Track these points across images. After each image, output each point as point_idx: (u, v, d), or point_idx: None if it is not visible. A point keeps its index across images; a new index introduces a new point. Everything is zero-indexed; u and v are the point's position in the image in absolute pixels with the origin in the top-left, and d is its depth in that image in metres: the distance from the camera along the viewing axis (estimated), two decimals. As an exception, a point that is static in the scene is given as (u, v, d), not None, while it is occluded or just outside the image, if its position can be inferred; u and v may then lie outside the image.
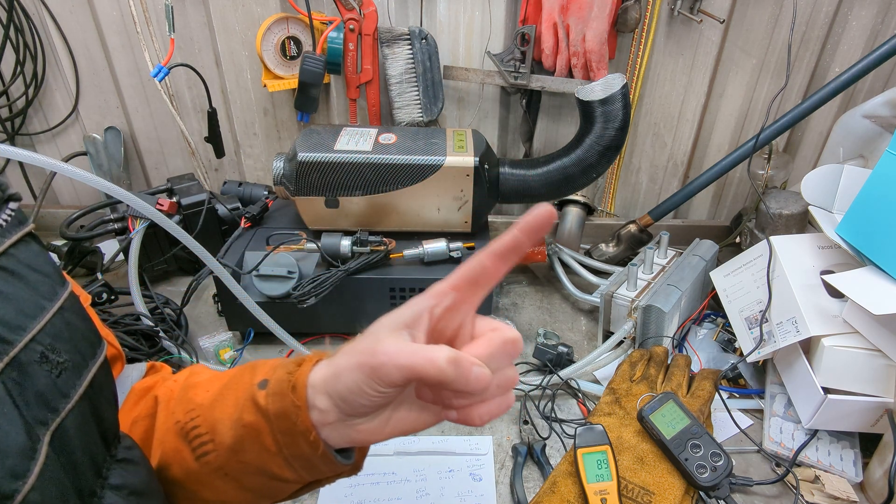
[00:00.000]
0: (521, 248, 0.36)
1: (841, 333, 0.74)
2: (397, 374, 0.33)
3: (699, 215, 1.30)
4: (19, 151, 0.60)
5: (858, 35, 1.06)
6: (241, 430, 0.39)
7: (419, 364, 0.33)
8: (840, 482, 0.71)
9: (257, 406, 0.38)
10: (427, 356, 0.33)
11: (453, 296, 0.37)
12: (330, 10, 1.05)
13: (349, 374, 0.35)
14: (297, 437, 0.37)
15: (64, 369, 0.34)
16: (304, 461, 0.38)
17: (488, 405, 0.37)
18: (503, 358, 0.37)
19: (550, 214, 0.35)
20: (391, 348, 0.34)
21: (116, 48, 1.10)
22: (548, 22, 1.01)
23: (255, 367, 0.42)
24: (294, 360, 0.40)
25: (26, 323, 0.32)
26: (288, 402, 0.37)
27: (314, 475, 0.40)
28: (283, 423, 0.37)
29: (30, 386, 0.31)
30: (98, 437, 0.37)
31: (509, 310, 1.05)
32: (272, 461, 0.39)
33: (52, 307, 0.35)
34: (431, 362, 0.33)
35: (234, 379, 0.42)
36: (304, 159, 0.88)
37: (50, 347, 0.33)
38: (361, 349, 0.35)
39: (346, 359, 0.36)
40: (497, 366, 0.36)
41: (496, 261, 0.37)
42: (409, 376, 0.33)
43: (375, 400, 0.35)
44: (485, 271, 0.37)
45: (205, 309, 1.03)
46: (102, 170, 1.16)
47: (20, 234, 0.35)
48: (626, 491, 0.65)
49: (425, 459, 0.76)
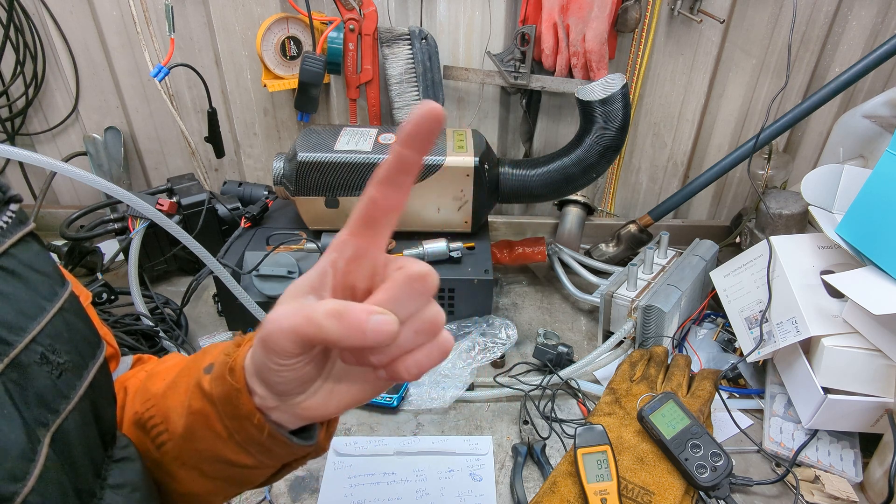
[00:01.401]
0: (410, 165, 0.31)
1: (841, 333, 0.74)
2: (286, 342, 0.30)
3: (699, 215, 1.30)
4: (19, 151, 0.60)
5: (858, 35, 1.06)
6: (191, 417, 0.37)
7: (298, 324, 0.29)
8: (840, 482, 0.71)
9: (203, 391, 0.36)
10: (305, 314, 0.29)
11: (354, 242, 0.33)
12: (330, 10, 1.05)
13: (259, 356, 0.32)
14: (243, 420, 0.35)
15: (64, 370, 0.34)
16: (256, 444, 0.36)
17: (414, 356, 0.31)
18: (413, 298, 0.31)
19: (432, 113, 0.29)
20: (277, 314, 0.30)
21: (116, 48, 1.10)
22: (548, 22, 1.01)
23: (206, 351, 0.40)
24: (234, 341, 0.37)
25: (26, 324, 0.32)
26: (228, 386, 0.34)
27: (275, 459, 0.38)
28: (227, 407, 0.35)
29: (30, 387, 0.31)
30: (97, 437, 0.37)
31: (509, 310, 1.05)
32: (226, 447, 0.37)
33: (52, 308, 0.35)
34: (309, 320, 0.29)
35: (188, 366, 0.40)
36: (304, 159, 0.88)
37: (50, 348, 0.33)
38: (261, 324, 0.32)
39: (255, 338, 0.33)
40: (409, 309, 0.31)
41: (386, 189, 0.31)
42: (298, 341, 0.30)
43: (286, 374, 0.32)
44: (376, 204, 0.32)
45: (205, 309, 1.03)
46: (102, 170, 1.16)
47: (21, 234, 0.35)
48: (626, 491, 0.65)
49: (425, 459, 0.76)
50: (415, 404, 0.83)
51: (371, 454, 0.76)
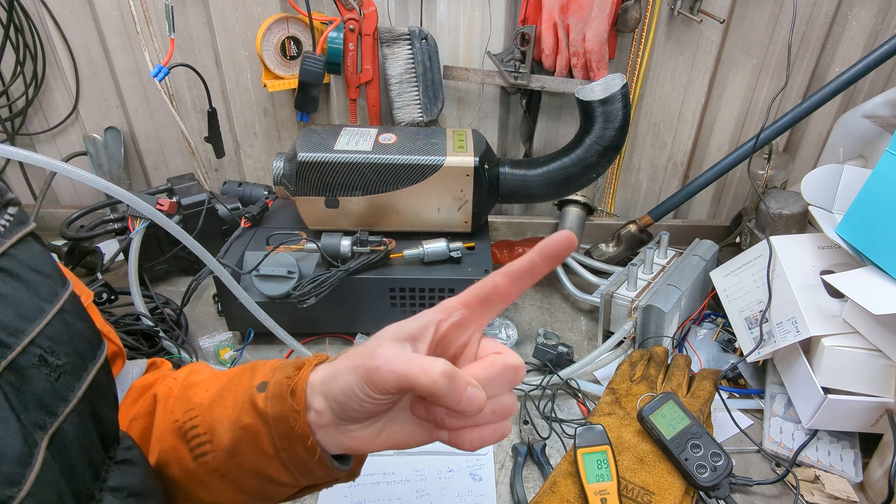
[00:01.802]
0: (537, 272, 0.35)
1: (841, 333, 0.74)
2: (391, 380, 0.33)
3: (699, 215, 1.30)
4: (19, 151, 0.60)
5: (858, 35, 1.06)
6: (240, 432, 0.39)
7: (413, 372, 0.32)
8: (840, 482, 0.71)
9: (256, 409, 0.38)
10: (422, 366, 0.32)
11: (462, 312, 0.37)
12: (330, 10, 1.05)
13: (345, 375, 0.35)
14: (295, 440, 0.37)
15: (63, 372, 0.34)
16: (301, 465, 0.38)
17: (481, 430, 0.36)
18: (502, 384, 0.36)
19: (570, 241, 0.34)
20: (388, 353, 0.33)
21: (116, 48, 1.10)
22: (548, 22, 1.01)
23: (254, 367, 0.41)
24: (294, 363, 0.39)
25: (25, 326, 0.32)
26: (287, 406, 0.36)
27: (311, 479, 0.40)
28: (282, 426, 0.37)
29: (28, 390, 0.31)
30: (97, 439, 0.36)
31: (509, 310, 1.05)
32: (269, 464, 0.38)
33: (51, 309, 0.34)
34: (426, 372, 0.32)
35: (234, 379, 0.42)
36: (304, 159, 0.88)
37: (49, 350, 0.33)
38: (361, 352, 0.35)
39: (344, 361, 0.36)
40: (495, 391, 0.35)
41: (510, 282, 0.36)
42: (402, 384, 0.33)
43: (367, 405, 0.35)
44: (497, 292, 0.36)
45: (205, 309, 1.03)
46: (102, 170, 1.17)
47: (21, 234, 0.35)
48: (626, 491, 0.65)
49: (425, 459, 0.76)
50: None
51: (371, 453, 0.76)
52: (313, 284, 0.85)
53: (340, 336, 0.96)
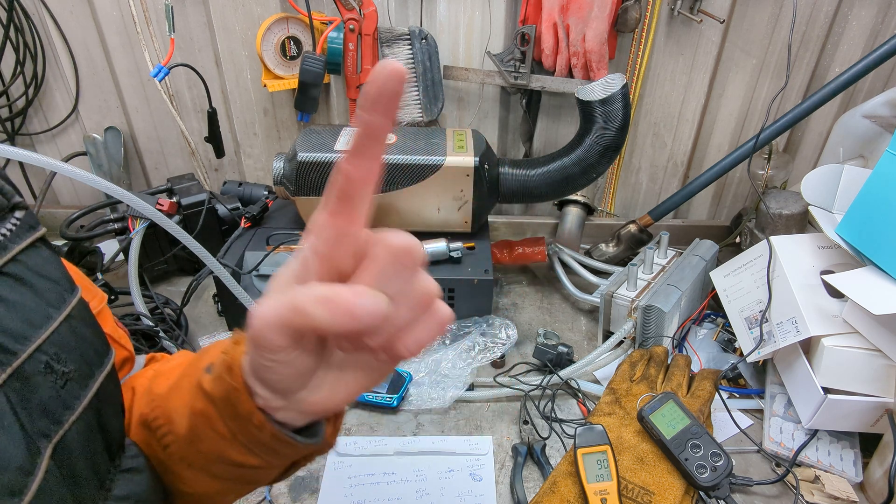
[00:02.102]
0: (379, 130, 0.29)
1: (841, 333, 0.74)
2: (274, 335, 0.28)
3: (699, 215, 1.30)
4: (19, 151, 0.60)
5: (858, 35, 1.06)
6: (194, 418, 0.36)
7: (285, 316, 0.28)
8: (840, 482, 0.71)
9: (204, 392, 0.35)
10: (291, 305, 0.27)
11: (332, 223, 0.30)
12: (330, 10, 1.05)
13: (251, 355, 0.31)
14: (244, 421, 0.33)
15: (69, 379, 0.33)
16: (261, 445, 0.35)
17: (412, 332, 0.30)
18: (400, 273, 0.29)
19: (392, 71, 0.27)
20: (260, 310, 0.28)
21: (116, 48, 1.10)
22: (548, 22, 1.01)
23: (207, 350, 0.39)
24: (233, 339, 0.35)
25: (31, 333, 0.32)
26: (226, 385, 0.33)
27: (282, 458, 0.37)
28: (228, 407, 0.34)
29: (33, 397, 0.31)
30: (102, 447, 0.36)
31: (509, 310, 1.05)
32: (230, 448, 0.35)
33: (59, 315, 0.34)
34: (294, 309, 0.27)
35: (190, 364, 0.39)
36: (304, 159, 0.88)
37: (55, 357, 0.33)
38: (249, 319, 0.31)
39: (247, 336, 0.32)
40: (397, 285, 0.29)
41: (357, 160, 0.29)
42: (287, 333, 0.28)
43: (282, 370, 0.30)
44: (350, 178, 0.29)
45: (205, 309, 1.03)
46: (102, 170, 1.16)
47: (31, 239, 0.34)
48: (626, 491, 0.65)
49: (425, 459, 0.76)
50: (415, 404, 0.83)
51: (371, 454, 0.76)
52: (313, 284, 0.85)
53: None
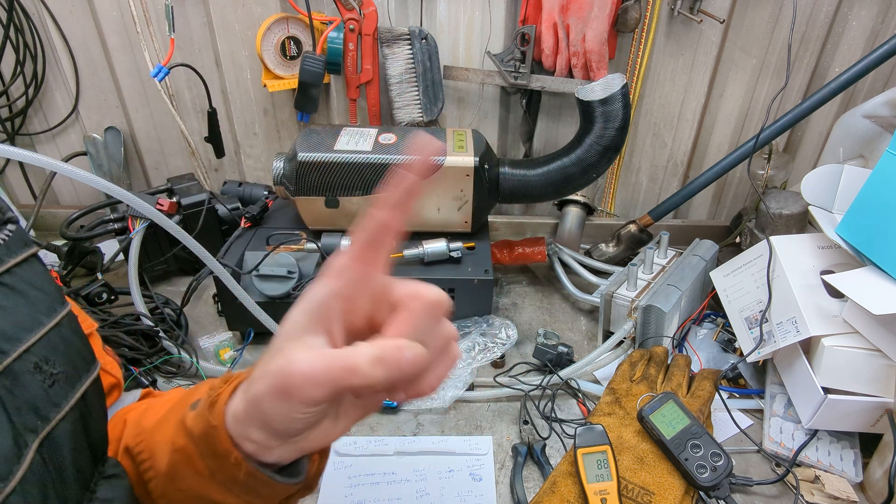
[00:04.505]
0: (415, 190, 0.31)
1: (841, 333, 0.74)
2: (318, 392, 0.29)
3: (699, 215, 1.30)
4: (19, 151, 0.60)
5: (858, 35, 1.06)
6: (174, 455, 0.36)
7: (340, 377, 0.28)
8: (840, 482, 0.71)
9: (185, 428, 0.35)
10: (346, 366, 0.28)
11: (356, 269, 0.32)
12: (330, 10, 1.05)
13: (270, 404, 0.30)
14: (221, 459, 0.33)
15: (57, 380, 0.34)
16: (240, 485, 0.34)
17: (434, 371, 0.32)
18: (431, 323, 0.32)
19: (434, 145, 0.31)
20: (304, 366, 0.29)
21: (116, 48, 1.10)
22: (548, 22, 1.01)
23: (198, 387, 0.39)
24: (223, 377, 0.36)
25: (22, 335, 0.33)
26: (205, 422, 0.33)
27: (261, 499, 0.36)
28: (207, 445, 0.34)
29: (21, 394, 0.32)
30: (87, 450, 0.37)
31: (509, 310, 1.05)
32: (209, 487, 0.35)
33: (49, 322, 0.36)
34: (353, 372, 0.28)
35: (180, 401, 0.39)
36: (304, 159, 0.88)
37: (44, 359, 0.34)
38: (270, 370, 0.30)
39: (258, 385, 0.31)
40: (427, 333, 0.31)
41: (390, 211, 0.31)
42: (333, 392, 0.29)
43: (310, 419, 0.31)
44: (383, 228, 0.32)
45: (205, 309, 1.03)
46: (102, 170, 1.16)
47: (26, 255, 0.36)
48: (626, 491, 0.65)
49: (425, 459, 0.76)
50: (415, 404, 0.83)
51: (371, 454, 0.76)
52: (313, 284, 0.85)
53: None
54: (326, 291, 0.31)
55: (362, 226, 0.32)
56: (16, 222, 0.37)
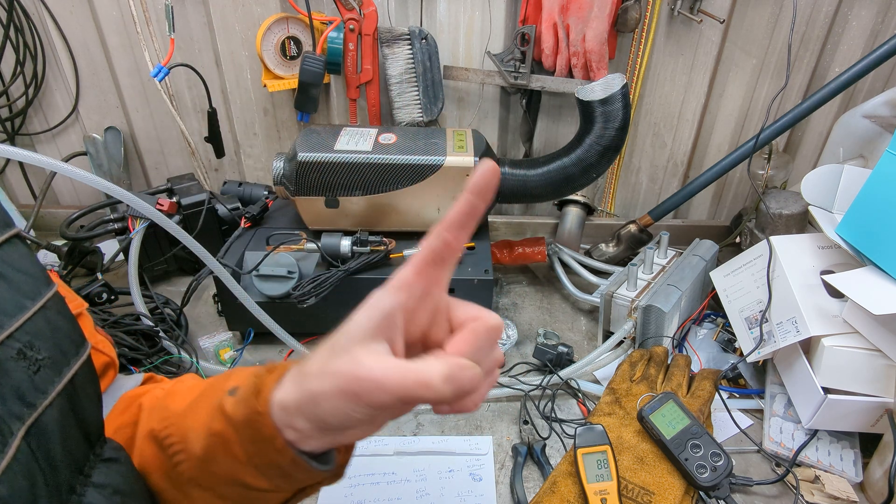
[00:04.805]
0: (477, 212, 0.33)
1: (841, 333, 0.74)
2: (388, 399, 0.30)
3: (699, 215, 1.30)
4: (19, 151, 0.60)
5: (858, 35, 1.06)
6: (211, 438, 0.37)
7: (412, 389, 0.30)
8: (840, 482, 0.71)
9: (224, 413, 0.36)
10: (420, 379, 0.30)
11: (420, 283, 0.34)
12: (330, 10, 1.05)
13: (329, 401, 0.32)
14: (264, 444, 0.34)
15: (42, 366, 0.34)
16: (276, 469, 0.36)
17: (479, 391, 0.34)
18: (488, 347, 0.35)
19: (495, 169, 0.33)
20: (376, 372, 0.30)
21: (116, 48, 1.10)
22: (548, 22, 1.01)
23: (230, 374, 0.40)
24: (266, 367, 0.38)
25: (4, 321, 0.33)
26: (251, 409, 0.34)
27: (292, 483, 0.38)
28: (249, 430, 0.35)
29: (5, 381, 0.32)
30: (79, 434, 0.37)
31: (509, 310, 1.05)
32: (244, 471, 0.37)
33: (33, 306, 0.35)
34: (426, 387, 0.30)
35: (211, 387, 0.40)
36: (304, 159, 0.88)
37: (28, 345, 0.33)
38: (337, 370, 0.32)
39: (320, 382, 0.32)
40: (482, 355, 0.34)
41: (456, 232, 0.34)
42: (402, 400, 0.30)
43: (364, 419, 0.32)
44: (448, 246, 0.34)
45: (205, 309, 1.03)
46: (102, 170, 1.16)
47: (6, 236, 0.36)
48: (626, 491, 0.65)
49: (425, 459, 0.76)
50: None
51: (371, 454, 0.76)
52: (313, 284, 0.85)
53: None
54: (393, 302, 0.33)
55: (427, 243, 0.34)
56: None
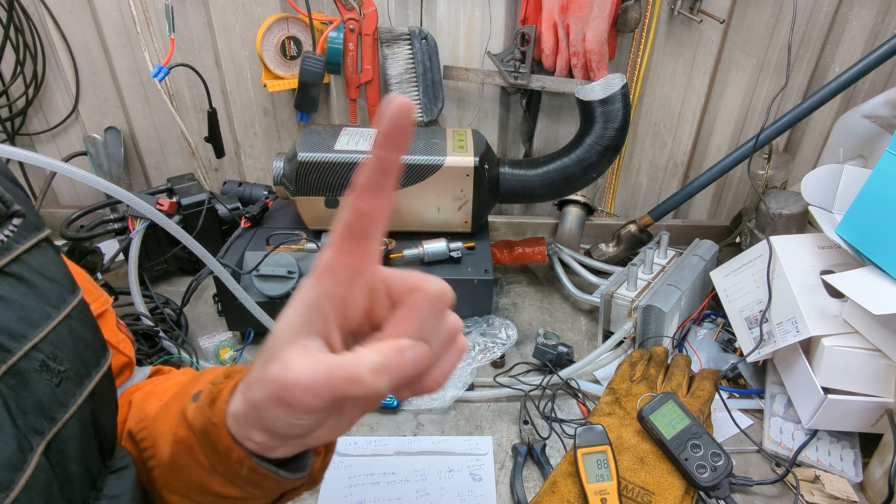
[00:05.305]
0: (391, 166, 0.28)
1: (841, 333, 0.74)
2: (318, 402, 0.27)
3: (699, 215, 1.30)
4: (19, 151, 0.60)
5: (858, 35, 1.06)
6: (176, 445, 0.36)
7: (340, 387, 0.27)
8: (840, 482, 0.71)
9: (186, 420, 0.34)
10: (347, 376, 0.26)
11: (344, 263, 0.29)
12: (330, 10, 1.05)
13: (268, 410, 0.29)
14: (221, 455, 0.32)
15: (64, 378, 0.33)
16: (243, 479, 0.33)
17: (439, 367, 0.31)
18: (434, 318, 0.30)
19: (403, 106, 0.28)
20: (302, 375, 0.27)
21: (116, 48, 1.10)
22: (548, 22, 1.01)
23: (202, 375, 0.38)
24: (224, 371, 0.35)
25: (28, 331, 0.32)
26: (206, 418, 0.32)
27: (265, 491, 0.36)
28: (206, 439, 0.33)
29: (27, 395, 0.31)
30: (96, 447, 0.36)
31: (509, 310, 1.05)
32: (211, 479, 0.35)
33: (58, 315, 0.34)
34: (354, 383, 0.26)
35: (182, 389, 0.39)
36: (304, 159, 0.88)
37: (51, 356, 0.33)
38: (269, 377, 0.28)
39: (257, 391, 0.29)
40: (430, 329, 0.30)
41: (370, 196, 0.28)
42: (334, 400, 0.27)
43: (312, 425, 0.30)
44: (363, 215, 0.28)
45: (205, 309, 1.03)
46: (102, 170, 1.16)
47: (36, 240, 0.35)
48: (626, 491, 0.65)
49: (425, 459, 0.76)
50: (415, 404, 0.83)
51: (371, 454, 0.76)
52: (313, 284, 0.85)
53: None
54: (318, 291, 0.29)
55: (340, 217, 0.29)
56: (23, 216, 0.35)
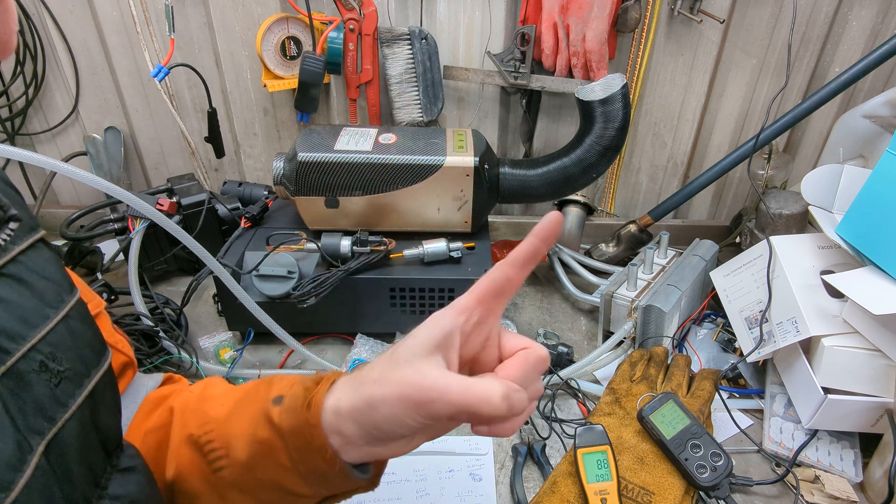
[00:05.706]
0: (539, 254, 0.37)
1: (841, 333, 0.74)
2: (447, 410, 0.33)
3: (699, 215, 1.30)
4: (19, 151, 0.60)
5: (858, 35, 1.06)
6: (256, 446, 0.39)
7: (473, 403, 0.32)
8: (840, 482, 0.71)
9: (271, 423, 0.38)
10: (481, 395, 0.32)
11: (480, 310, 0.37)
12: (330, 10, 1.05)
13: (389, 406, 0.34)
14: (313, 453, 0.37)
15: (64, 378, 0.33)
16: (319, 477, 0.38)
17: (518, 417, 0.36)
18: (535, 376, 0.38)
19: (559, 219, 0.37)
20: (440, 383, 0.33)
21: (116, 48, 1.10)
22: (548, 22, 1.01)
23: (271, 381, 0.42)
24: (312, 378, 0.39)
25: (27, 332, 0.32)
26: (302, 420, 0.36)
27: (330, 489, 0.40)
28: (297, 440, 0.37)
29: (26, 395, 0.31)
30: (98, 446, 0.36)
31: (509, 310, 1.05)
32: (287, 477, 0.39)
33: (56, 315, 0.34)
34: (486, 402, 0.32)
35: (250, 393, 0.42)
36: (304, 159, 0.88)
37: (50, 356, 0.33)
38: (401, 379, 0.34)
39: (381, 388, 0.35)
40: (529, 383, 0.37)
41: (518, 269, 0.37)
42: (460, 413, 0.33)
43: (415, 429, 0.35)
44: (509, 281, 0.37)
45: (205, 309, 1.03)
46: (102, 170, 1.16)
47: (32, 240, 0.35)
48: (626, 491, 0.65)
49: (425, 459, 0.76)
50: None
51: (371, 454, 0.76)
52: (313, 284, 0.85)
53: (340, 336, 0.96)
54: (454, 323, 0.36)
55: (490, 274, 0.37)
56: (19, 220, 0.35)
